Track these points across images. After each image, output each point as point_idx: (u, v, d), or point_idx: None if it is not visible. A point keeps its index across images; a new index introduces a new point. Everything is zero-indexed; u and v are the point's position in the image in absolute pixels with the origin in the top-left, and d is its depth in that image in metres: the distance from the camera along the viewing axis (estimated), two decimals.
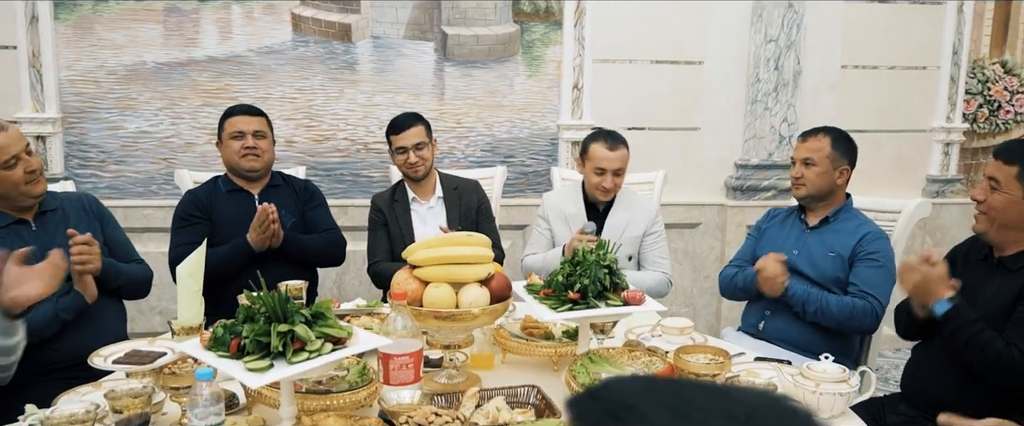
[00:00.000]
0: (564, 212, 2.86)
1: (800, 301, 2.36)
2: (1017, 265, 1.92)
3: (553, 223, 2.90)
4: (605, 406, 0.58)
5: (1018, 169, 1.86)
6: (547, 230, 2.92)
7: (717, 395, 0.59)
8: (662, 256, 2.84)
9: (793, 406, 0.59)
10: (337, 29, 3.76)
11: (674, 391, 0.60)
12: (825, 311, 2.34)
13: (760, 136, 3.98)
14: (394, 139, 2.82)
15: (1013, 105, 4.15)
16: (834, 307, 2.34)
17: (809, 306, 2.36)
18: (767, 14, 3.88)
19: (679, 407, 0.57)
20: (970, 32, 4.05)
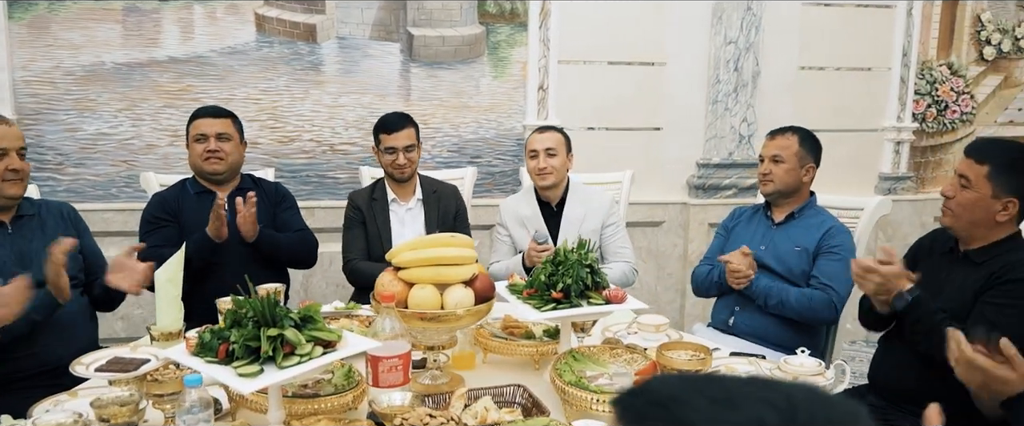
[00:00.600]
0: (519, 215, 2.89)
1: (762, 294, 2.43)
2: (982, 258, 1.98)
3: (511, 228, 2.93)
4: (649, 399, 0.59)
5: (989, 168, 1.92)
6: (507, 236, 2.94)
7: (756, 385, 0.60)
8: (623, 246, 2.89)
9: (829, 395, 0.61)
10: (302, 29, 3.71)
11: (714, 382, 0.61)
12: (785, 303, 2.41)
13: (721, 136, 4.04)
14: (384, 138, 2.81)
15: (959, 105, 4.30)
16: (793, 299, 2.40)
17: (770, 299, 2.42)
18: (727, 16, 3.94)
19: (719, 395, 0.58)
20: (919, 35, 4.18)
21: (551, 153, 2.83)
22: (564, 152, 2.86)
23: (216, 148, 2.63)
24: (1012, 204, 1.92)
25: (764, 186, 2.58)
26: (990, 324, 1.87)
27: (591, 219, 2.85)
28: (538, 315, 1.83)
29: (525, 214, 2.89)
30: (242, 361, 1.46)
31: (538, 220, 2.85)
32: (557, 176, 2.84)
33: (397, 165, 2.81)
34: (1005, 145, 1.99)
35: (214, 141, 2.63)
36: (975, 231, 1.99)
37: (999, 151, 1.94)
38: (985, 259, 1.98)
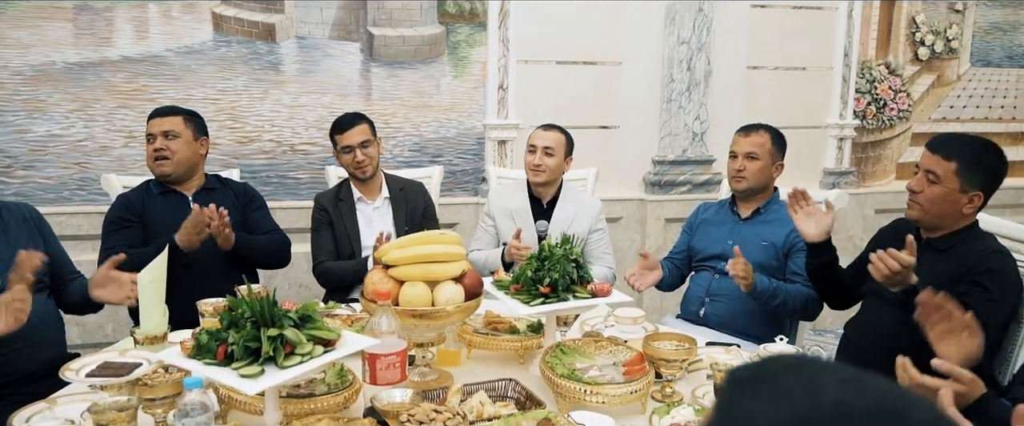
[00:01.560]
0: (510, 208, 2.90)
1: (766, 295, 2.42)
2: (945, 246, 2.07)
3: (498, 220, 2.94)
4: (782, 363, 0.58)
5: (957, 164, 2.00)
6: (491, 227, 2.94)
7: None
8: (606, 251, 2.93)
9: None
10: (260, 29, 3.64)
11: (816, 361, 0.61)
12: (788, 301, 2.42)
13: (675, 134, 4.12)
14: (339, 139, 2.78)
15: (896, 103, 4.47)
16: (793, 296, 2.44)
17: (775, 300, 2.43)
18: (679, 17, 4.02)
19: (847, 375, 0.58)
20: (859, 36, 4.33)
21: (549, 152, 2.84)
22: (562, 153, 2.88)
23: (161, 147, 2.53)
24: (977, 197, 2.02)
25: (737, 183, 2.62)
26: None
27: (579, 222, 2.87)
28: (528, 309, 1.84)
29: (515, 207, 2.90)
30: (242, 362, 1.43)
31: (527, 214, 2.87)
32: (550, 175, 2.86)
33: (356, 163, 2.79)
34: (968, 141, 2.08)
35: (160, 139, 2.55)
36: (940, 223, 2.07)
37: (964, 147, 2.03)
38: (948, 246, 2.07)
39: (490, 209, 2.97)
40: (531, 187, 2.93)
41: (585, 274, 1.94)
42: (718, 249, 2.63)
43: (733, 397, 0.56)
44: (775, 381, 0.56)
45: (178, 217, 2.53)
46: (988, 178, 2.03)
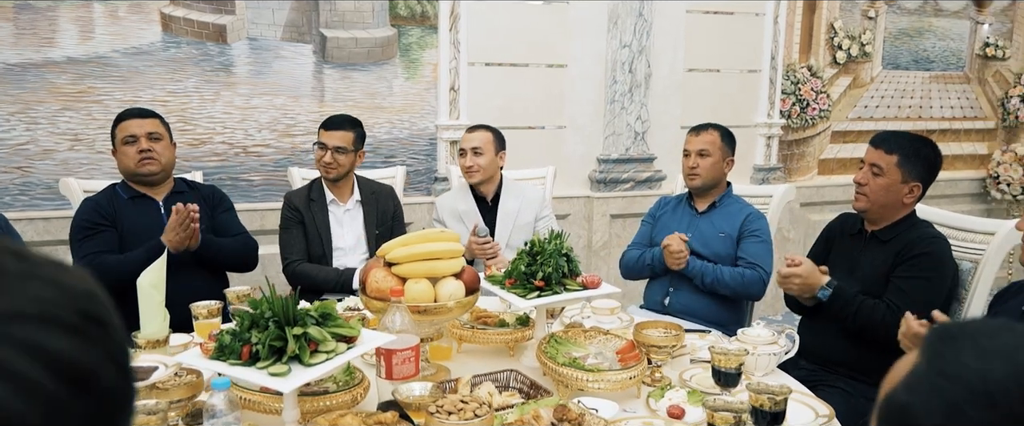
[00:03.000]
0: (456, 210, 2.95)
1: (698, 273, 2.60)
2: (888, 237, 2.23)
3: (448, 223, 2.98)
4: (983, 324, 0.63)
5: (899, 157, 2.17)
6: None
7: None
8: None
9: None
10: (211, 30, 3.56)
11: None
12: (720, 280, 2.59)
13: (618, 133, 4.24)
14: (321, 133, 2.79)
15: (817, 103, 4.72)
16: (728, 277, 2.59)
17: (706, 277, 2.60)
18: (621, 21, 4.14)
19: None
20: (784, 41, 4.55)
21: (478, 152, 2.90)
22: (492, 151, 2.93)
23: (148, 148, 2.49)
24: (917, 188, 2.19)
25: (692, 179, 2.74)
26: (902, 294, 2.12)
27: (525, 212, 2.94)
28: (526, 303, 1.89)
29: (462, 209, 2.94)
30: (267, 361, 1.43)
31: (475, 214, 2.91)
32: (484, 174, 2.91)
33: (323, 163, 2.78)
34: (908, 137, 2.25)
35: (145, 141, 2.49)
36: (884, 212, 2.23)
37: (905, 142, 2.20)
38: (890, 237, 2.23)
39: (439, 214, 3.01)
40: (473, 187, 2.99)
41: (574, 267, 2.00)
42: None
43: (946, 353, 0.60)
44: (993, 338, 0.60)
45: (151, 223, 2.48)
46: (926, 170, 2.21)
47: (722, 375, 1.66)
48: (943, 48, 5.05)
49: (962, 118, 5.21)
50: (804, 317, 2.40)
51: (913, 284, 2.12)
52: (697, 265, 2.61)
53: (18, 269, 0.45)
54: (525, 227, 2.94)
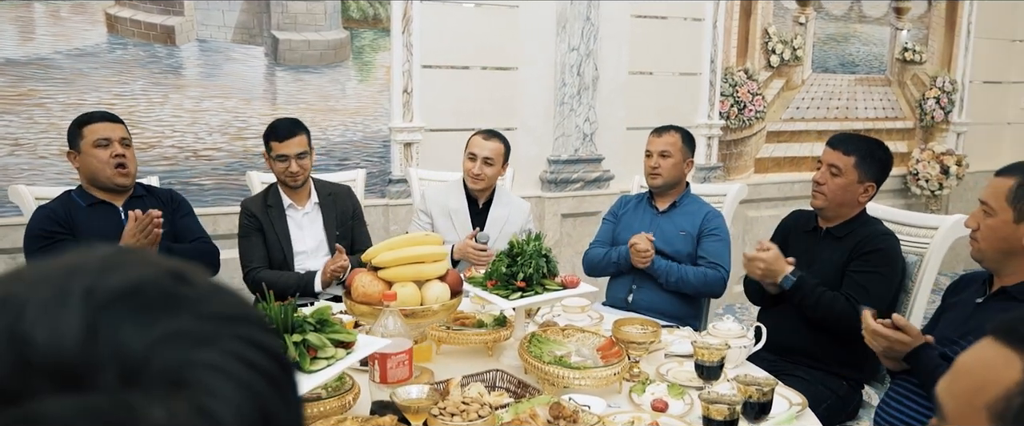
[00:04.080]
0: (447, 206, 2.94)
1: (664, 272, 2.66)
2: (842, 233, 2.34)
3: (436, 217, 2.96)
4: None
5: (856, 158, 2.27)
6: (428, 223, 2.96)
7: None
8: None
9: None
10: (159, 31, 3.44)
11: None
12: (684, 280, 2.66)
13: (568, 134, 4.29)
14: (276, 146, 2.69)
15: (754, 105, 4.88)
16: (691, 276, 2.66)
17: (671, 276, 2.66)
18: (569, 25, 4.19)
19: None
20: (722, 45, 4.69)
21: (489, 163, 2.88)
22: (500, 163, 2.92)
23: (122, 153, 2.41)
24: (871, 187, 2.30)
25: (653, 179, 2.80)
26: (859, 287, 2.23)
27: (513, 221, 2.95)
28: (509, 303, 1.91)
29: (453, 207, 2.93)
30: None
31: (465, 214, 2.91)
32: (488, 183, 2.91)
33: (290, 173, 2.72)
34: (863, 139, 2.36)
35: (119, 146, 2.41)
36: (840, 210, 2.34)
37: (862, 144, 2.31)
38: (844, 234, 2.34)
39: (426, 206, 2.98)
40: (467, 188, 2.97)
41: (553, 267, 2.03)
42: None
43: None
44: None
45: (112, 231, 2.39)
46: (880, 170, 2.33)
47: (705, 368, 1.72)
48: (867, 52, 5.29)
49: (884, 118, 5.47)
50: (763, 308, 2.49)
51: (869, 278, 2.23)
52: (662, 264, 2.67)
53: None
54: (510, 235, 2.95)
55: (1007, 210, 1.73)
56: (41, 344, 0.34)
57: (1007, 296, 1.76)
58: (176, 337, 0.36)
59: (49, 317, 0.35)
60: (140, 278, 0.38)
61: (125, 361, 0.35)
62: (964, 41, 5.61)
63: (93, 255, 0.40)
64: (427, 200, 2.98)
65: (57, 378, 0.34)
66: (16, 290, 0.37)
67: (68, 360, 0.34)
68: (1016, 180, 1.74)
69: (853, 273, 2.26)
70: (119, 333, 0.35)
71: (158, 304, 0.37)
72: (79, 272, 0.38)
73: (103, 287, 0.37)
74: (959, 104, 5.71)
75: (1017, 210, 1.72)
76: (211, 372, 0.36)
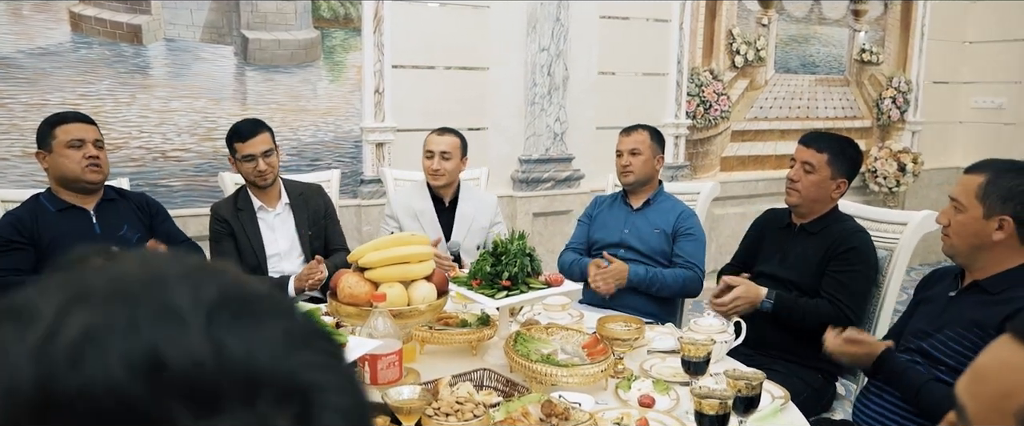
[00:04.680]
0: (412, 208, 2.91)
1: (645, 282, 2.64)
2: (816, 229, 2.37)
3: (402, 220, 2.93)
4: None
5: (828, 156, 2.31)
6: (396, 228, 2.93)
7: None
8: None
9: None
10: (125, 30, 3.36)
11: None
12: (664, 285, 2.66)
13: (538, 134, 4.29)
14: (240, 147, 2.64)
15: (719, 105, 4.94)
16: (670, 280, 2.67)
17: (652, 286, 2.65)
18: (540, 26, 4.19)
19: None
20: (688, 46, 4.74)
21: (446, 156, 2.86)
22: (458, 156, 2.91)
23: (96, 155, 2.34)
24: (843, 184, 2.34)
25: (626, 177, 2.81)
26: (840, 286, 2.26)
27: (480, 217, 2.93)
28: (495, 302, 1.90)
29: (418, 208, 2.90)
30: None
31: (432, 214, 2.89)
32: (449, 177, 2.89)
33: (259, 172, 2.67)
34: (835, 137, 2.40)
35: (92, 147, 2.34)
36: (814, 207, 2.38)
37: (833, 142, 2.35)
38: (818, 229, 2.38)
39: (392, 210, 2.96)
40: (431, 188, 2.96)
41: (537, 266, 2.02)
42: (616, 237, 2.81)
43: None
44: None
45: (82, 236, 2.32)
46: (851, 167, 2.37)
47: (691, 364, 1.73)
48: (826, 53, 5.40)
49: (843, 118, 5.58)
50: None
51: (848, 277, 2.27)
52: (639, 274, 2.64)
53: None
54: (480, 231, 2.93)
55: (977, 206, 1.78)
56: (175, 365, 0.32)
57: (979, 290, 1.80)
58: (280, 343, 0.35)
59: (172, 336, 0.33)
60: (226, 286, 0.36)
61: (247, 374, 0.33)
62: (918, 43, 5.75)
63: (158, 264, 0.38)
64: (392, 204, 2.96)
65: (194, 399, 0.32)
66: (105, 311, 0.33)
67: (204, 379, 0.32)
68: (985, 177, 1.78)
69: (833, 273, 2.30)
70: (239, 345, 0.33)
71: (254, 311, 0.36)
72: (164, 285, 0.35)
73: (204, 299, 0.34)
74: (914, 104, 5.86)
75: (986, 206, 1.77)
76: (318, 375, 0.35)
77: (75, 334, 0.32)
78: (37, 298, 0.34)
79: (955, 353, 1.77)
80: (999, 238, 1.75)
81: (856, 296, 2.28)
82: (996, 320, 1.69)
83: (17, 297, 0.36)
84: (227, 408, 0.32)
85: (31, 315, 0.34)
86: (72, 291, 0.34)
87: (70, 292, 0.34)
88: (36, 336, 0.33)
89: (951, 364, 1.77)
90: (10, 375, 0.32)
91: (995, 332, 1.69)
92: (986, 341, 1.72)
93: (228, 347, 0.33)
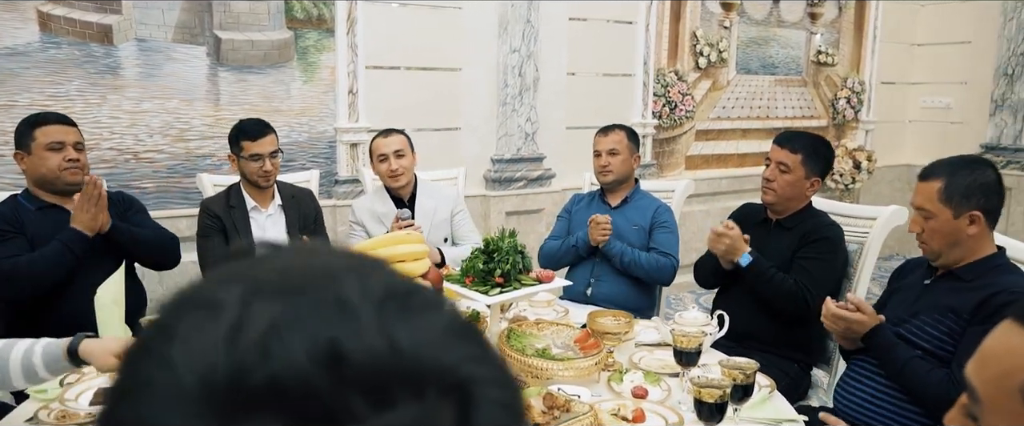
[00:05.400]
0: (376, 212, 2.90)
1: (618, 253, 2.72)
2: (791, 225, 2.45)
3: (368, 225, 2.92)
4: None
5: (802, 155, 2.38)
6: (363, 234, 2.93)
7: None
8: (471, 230, 3.05)
9: None
10: (95, 30, 3.28)
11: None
12: (637, 262, 2.73)
13: (510, 134, 4.32)
14: (248, 146, 2.62)
15: (684, 105, 5.02)
16: (644, 260, 2.73)
17: (625, 257, 2.72)
18: (511, 27, 4.21)
19: None
20: (654, 47, 4.81)
21: (400, 155, 2.86)
22: (410, 152, 2.91)
23: (76, 158, 2.30)
24: (817, 182, 2.41)
25: (604, 176, 2.86)
26: (806, 272, 2.34)
27: (441, 209, 2.94)
28: (489, 299, 1.92)
29: (381, 211, 2.89)
30: None
31: (394, 214, 2.87)
32: (408, 175, 2.89)
33: (264, 172, 2.65)
34: (808, 137, 2.47)
35: (73, 150, 2.29)
36: (789, 204, 2.45)
37: (806, 142, 2.42)
38: (793, 225, 2.45)
39: (357, 217, 2.95)
40: (389, 189, 2.94)
41: (528, 263, 2.05)
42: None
43: None
44: None
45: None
46: (824, 166, 2.45)
47: (684, 355, 1.77)
48: (785, 55, 5.52)
49: (801, 117, 5.71)
50: (718, 296, 2.58)
51: (815, 264, 2.34)
52: (617, 246, 2.73)
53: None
54: (442, 224, 2.95)
55: (944, 209, 1.84)
56: (356, 359, 0.32)
57: (953, 278, 1.88)
58: (441, 336, 0.35)
59: (348, 329, 0.33)
60: (388, 279, 0.37)
61: (416, 367, 0.33)
62: (871, 44, 5.93)
63: (322, 256, 0.38)
64: (356, 212, 2.94)
65: (371, 392, 0.32)
66: (284, 303, 0.34)
67: (379, 372, 0.33)
68: (942, 181, 1.85)
69: (801, 259, 2.37)
70: (408, 339, 0.34)
71: (415, 304, 0.36)
72: (333, 278, 0.36)
73: (372, 292, 0.35)
74: (867, 103, 6.03)
75: (953, 207, 1.83)
76: (477, 368, 0.35)
77: (262, 325, 0.33)
78: (218, 289, 0.35)
79: (931, 337, 1.84)
80: (973, 232, 1.82)
81: (819, 282, 2.34)
82: (970, 305, 1.77)
83: (198, 286, 0.36)
84: (399, 401, 0.33)
85: (217, 305, 0.34)
86: (249, 283, 0.35)
87: (247, 284, 0.35)
88: (225, 326, 0.33)
89: (928, 348, 1.84)
90: (205, 362, 0.33)
91: (969, 316, 1.77)
92: (961, 325, 1.80)
93: (399, 340, 0.34)
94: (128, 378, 0.35)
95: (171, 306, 0.36)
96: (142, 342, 0.36)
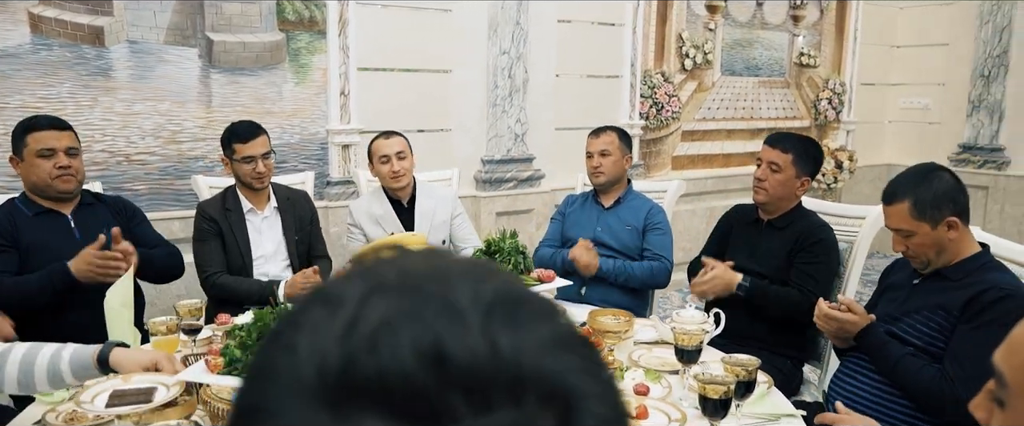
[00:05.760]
0: (373, 214, 2.90)
1: (612, 274, 2.73)
2: (783, 224, 2.49)
3: (366, 227, 2.92)
4: None
5: (793, 156, 2.42)
6: (361, 236, 2.93)
7: None
8: (470, 233, 3.06)
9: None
10: (87, 32, 3.26)
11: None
12: (632, 276, 2.75)
13: (500, 135, 4.34)
14: (240, 148, 2.61)
15: (670, 106, 5.07)
16: (638, 271, 2.76)
17: (619, 276, 2.74)
18: (500, 29, 4.23)
19: None
20: (641, 49, 4.85)
21: (401, 156, 2.87)
22: (410, 153, 2.92)
23: (68, 164, 2.27)
24: (807, 181, 2.46)
25: (597, 177, 2.88)
26: (808, 277, 2.38)
27: (440, 211, 2.95)
28: None
29: (378, 213, 2.89)
30: None
31: (392, 216, 2.88)
32: (409, 176, 2.89)
33: (257, 174, 2.64)
34: (798, 138, 2.52)
35: (65, 157, 2.27)
36: (779, 204, 2.49)
37: (797, 143, 2.46)
38: (785, 225, 2.49)
39: (355, 219, 2.94)
40: (388, 190, 2.94)
41: (529, 263, 2.07)
42: (589, 235, 2.87)
43: None
44: None
45: (60, 240, 2.27)
46: (814, 166, 2.49)
47: (685, 352, 1.80)
48: (768, 57, 5.60)
49: (784, 118, 5.79)
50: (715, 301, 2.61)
51: (816, 269, 2.39)
52: (608, 266, 2.73)
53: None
54: (441, 226, 2.95)
55: (921, 225, 1.87)
56: (458, 360, 0.34)
57: (941, 277, 1.92)
58: (548, 345, 0.36)
59: (454, 330, 0.34)
60: (502, 285, 0.38)
61: (516, 373, 0.34)
62: (851, 46, 6.02)
63: (442, 260, 0.40)
64: (354, 213, 2.94)
65: (470, 394, 0.33)
66: (398, 302, 0.35)
67: (480, 375, 0.34)
68: (909, 200, 1.88)
69: (801, 264, 2.41)
70: (510, 344, 0.35)
71: (526, 312, 0.37)
72: (447, 281, 0.37)
73: (483, 297, 0.36)
74: (848, 104, 6.12)
75: (929, 219, 1.87)
76: (581, 380, 0.36)
77: (374, 322, 0.35)
78: (344, 286, 0.37)
79: (922, 335, 1.89)
80: (954, 236, 1.87)
81: (822, 284, 2.40)
82: (959, 303, 1.81)
83: (329, 282, 0.38)
84: (496, 405, 0.34)
85: (340, 300, 0.36)
86: (371, 282, 0.37)
87: (370, 282, 0.37)
88: (342, 321, 0.35)
89: (919, 345, 1.89)
90: (322, 354, 0.35)
91: (958, 313, 1.82)
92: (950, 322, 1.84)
93: (501, 345, 0.35)
94: (258, 362, 0.37)
95: (304, 299, 0.38)
96: (275, 331, 0.38)
